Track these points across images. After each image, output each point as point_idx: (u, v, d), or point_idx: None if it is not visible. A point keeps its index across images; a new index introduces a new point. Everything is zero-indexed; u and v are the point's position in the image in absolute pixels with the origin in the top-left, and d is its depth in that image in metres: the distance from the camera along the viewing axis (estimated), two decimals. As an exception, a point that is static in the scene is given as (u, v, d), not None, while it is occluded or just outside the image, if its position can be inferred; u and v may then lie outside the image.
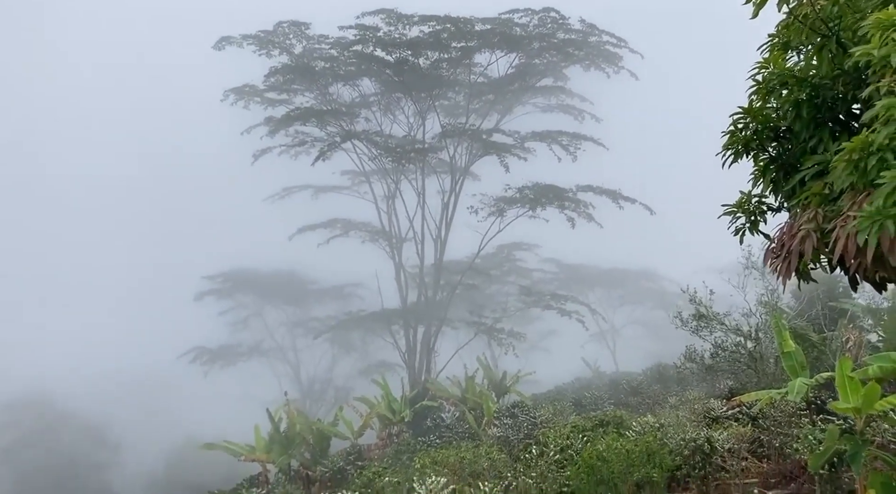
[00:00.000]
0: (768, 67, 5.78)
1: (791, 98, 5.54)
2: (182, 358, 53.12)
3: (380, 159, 38.78)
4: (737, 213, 6.10)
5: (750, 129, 5.96)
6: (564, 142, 38.31)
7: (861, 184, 4.49)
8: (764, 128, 5.87)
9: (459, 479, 12.45)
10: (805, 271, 5.35)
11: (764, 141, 5.93)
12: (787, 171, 5.86)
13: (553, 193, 36.90)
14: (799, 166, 5.66)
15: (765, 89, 5.83)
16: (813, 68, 5.53)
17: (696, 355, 21.60)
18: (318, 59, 37.62)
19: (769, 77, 5.79)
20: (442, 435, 23.48)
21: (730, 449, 12.46)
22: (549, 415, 21.35)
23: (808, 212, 5.02)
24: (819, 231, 4.88)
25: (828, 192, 5.05)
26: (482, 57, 38.38)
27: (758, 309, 20.05)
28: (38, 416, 54.77)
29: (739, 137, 5.99)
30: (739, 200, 6.13)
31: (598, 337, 57.13)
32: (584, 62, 39.65)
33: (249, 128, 39.22)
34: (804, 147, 5.60)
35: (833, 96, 5.50)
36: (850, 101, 5.41)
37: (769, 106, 5.96)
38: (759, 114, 5.90)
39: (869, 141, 4.39)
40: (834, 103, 5.53)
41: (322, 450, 23.78)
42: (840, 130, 5.45)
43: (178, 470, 45.66)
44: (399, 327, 38.52)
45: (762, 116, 5.89)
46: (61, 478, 46.54)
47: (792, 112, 5.50)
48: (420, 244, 38.86)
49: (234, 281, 56.35)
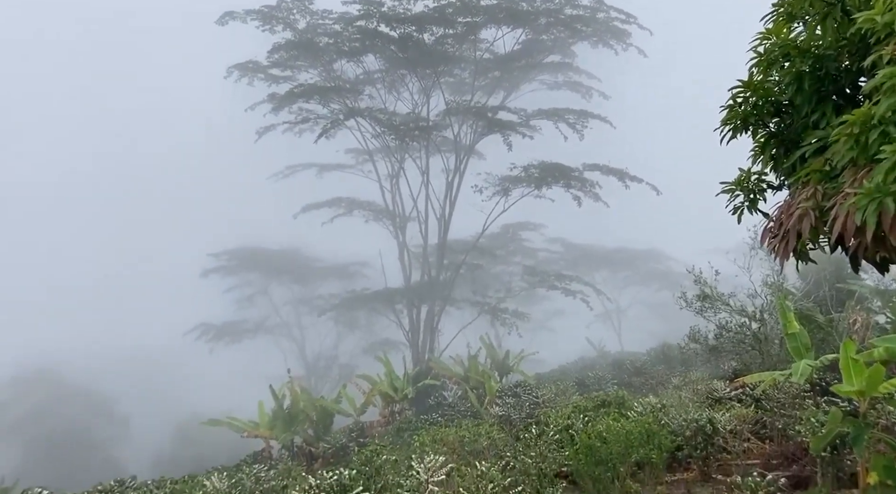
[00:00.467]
0: (770, 38, 5.50)
1: (793, 70, 5.29)
2: (188, 334, 53.42)
3: (384, 137, 38.51)
4: (735, 191, 5.87)
5: (749, 103, 5.71)
6: (571, 119, 37.81)
7: (862, 160, 4.28)
8: (764, 102, 5.62)
9: (459, 457, 12.40)
10: (803, 251, 5.13)
11: (764, 115, 5.69)
12: (788, 147, 5.62)
13: (559, 172, 36.55)
14: (800, 142, 5.42)
15: (766, 61, 5.56)
16: (816, 39, 5.27)
17: (701, 336, 21.51)
18: (322, 35, 37.25)
19: (771, 48, 5.52)
20: (444, 413, 23.53)
21: (732, 431, 12.39)
22: (551, 395, 21.36)
23: (806, 189, 4.78)
24: (818, 209, 4.66)
25: (828, 169, 4.84)
26: (488, 33, 37.97)
27: (763, 290, 19.85)
28: (46, 391, 55.42)
29: (738, 112, 5.74)
30: (738, 178, 5.90)
31: (604, 317, 57.12)
32: (592, 39, 39.10)
33: (253, 105, 38.98)
34: (805, 122, 5.36)
35: (837, 68, 5.26)
36: (854, 73, 5.15)
37: (770, 79, 5.70)
38: (759, 87, 5.64)
39: (871, 114, 4.16)
40: (838, 75, 5.29)
41: (325, 427, 23.87)
42: (844, 104, 5.19)
43: (184, 445, 46.15)
44: (403, 306, 38.52)
45: (762, 90, 5.63)
46: (69, 452, 47.11)
47: (793, 85, 5.26)
48: (424, 223, 38.73)
49: (239, 258, 56.49)
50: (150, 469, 34.44)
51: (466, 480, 9.30)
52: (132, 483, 15.71)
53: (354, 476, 9.84)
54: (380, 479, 10.41)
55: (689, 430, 12.12)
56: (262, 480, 13.53)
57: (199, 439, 39.49)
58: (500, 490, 9.15)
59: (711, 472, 12.27)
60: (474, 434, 13.26)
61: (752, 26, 5.73)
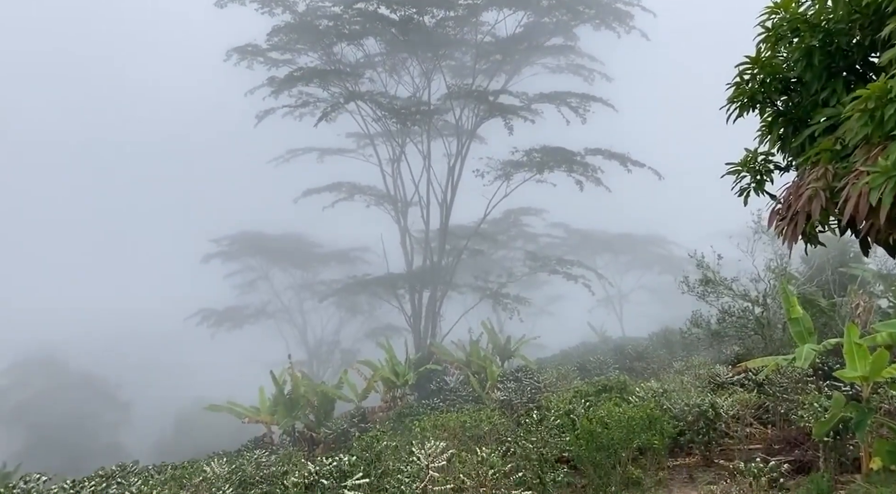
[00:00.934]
0: (779, 12, 5.29)
1: (802, 45, 5.08)
2: (189, 319, 53.47)
3: (385, 121, 38.24)
4: (741, 172, 5.67)
5: (757, 81, 5.49)
6: (573, 103, 37.52)
7: (877, 137, 4.07)
8: (772, 79, 5.40)
9: (460, 443, 12.35)
10: (812, 234, 4.95)
11: (772, 93, 5.47)
12: (797, 126, 5.42)
13: (561, 156, 36.33)
14: (809, 120, 5.23)
15: (774, 36, 5.34)
16: (827, 12, 5.03)
17: (703, 320, 21.44)
18: (322, 18, 36.84)
19: (779, 23, 5.31)
20: (446, 398, 23.51)
21: (734, 415, 12.33)
22: (552, 380, 21.34)
23: (816, 169, 4.58)
24: (828, 190, 4.47)
25: (839, 148, 4.65)
26: (489, 15, 37.58)
27: (766, 275, 19.73)
28: (48, 377, 55.62)
29: (745, 89, 5.53)
30: (744, 158, 5.69)
31: (605, 302, 57.11)
32: (595, 21, 38.69)
33: (253, 89, 38.64)
34: (815, 99, 5.16)
35: (848, 42, 5.05)
36: (867, 48, 4.94)
37: (779, 55, 5.48)
38: (767, 63, 5.42)
39: (887, 88, 3.96)
40: (849, 50, 5.08)
41: (326, 413, 23.89)
42: (855, 81, 4.99)
43: (186, 430, 46.38)
44: (405, 291, 38.44)
45: (770, 66, 5.41)
46: (72, 436, 47.37)
47: (802, 61, 5.05)
48: (425, 208, 38.57)
49: (240, 243, 56.41)
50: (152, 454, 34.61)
51: (467, 466, 9.22)
52: (133, 468, 15.70)
53: (354, 462, 9.78)
54: (380, 465, 10.35)
55: (691, 415, 12.08)
56: (263, 465, 13.52)
57: (201, 424, 39.66)
58: (501, 475, 9.08)
59: (713, 457, 12.23)
60: (475, 419, 13.20)
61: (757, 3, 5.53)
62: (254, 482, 12.56)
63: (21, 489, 9.80)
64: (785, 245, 4.83)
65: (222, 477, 11.93)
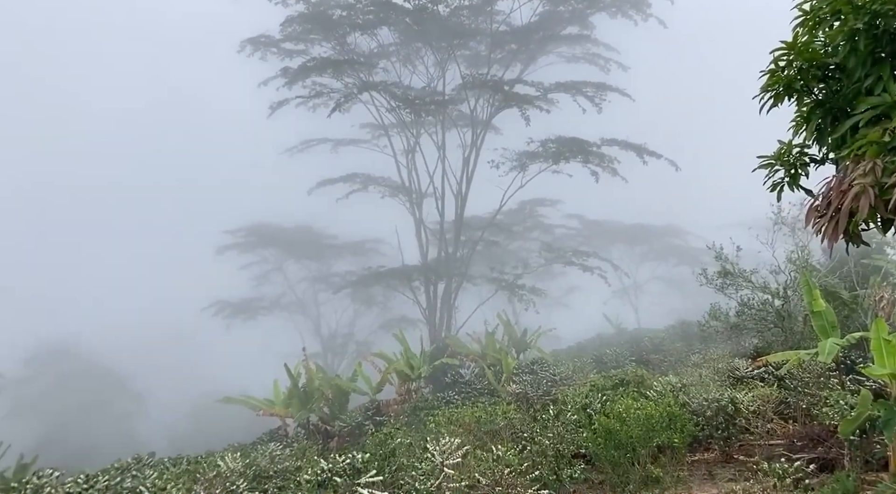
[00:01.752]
0: (818, -6, 4.96)
1: (845, 29, 4.74)
2: (204, 311, 53.67)
3: (399, 111, 38.01)
4: (775, 166, 5.36)
5: (793, 68, 5.17)
6: (589, 92, 37.03)
7: (931, 129, 3.81)
8: (810, 65, 5.08)
9: (475, 439, 12.19)
10: (855, 233, 4.65)
11: (809, 81, 5.15)
12: (836, 117, 5.10)
13: (577, 147, 35.96)
14: (850, 110, 4.90)
15: (812, 20, 5.02)
16: (873, -9, 4.69)
17: (721, 313, 21.13)
18: (336, 7, 36.61)
19: (818, 5, 4.98)
20: (461, 391, 23.34)
21: (755, 411, 12.07)
22: (568, 372, 21.14)
23: (863, 164, 4.27)
24: (877, 186, 4.16)
25: (888, 140, 4.30)
26: (504, 4, 37.23)
27: (787, 266, 19.37)
28: (64, 368, 56.11)
29: (781, 77, 5.20)
30: (778, 151, 5.36)
31: (621, 293, 56.82)
32: (611, 9, 38.23)
33: (266, 80, 38.51)
34: (858, 87, 4.82)
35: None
36: (919, 30, 4.56)
37: (817, 40, 5.16)
38: (804, 49, 5.11)
39: (943, 75, 3.67)
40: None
41: (341, 406, 23.80)
42: (904, 67, 4.66)
43: (202, 421, 46.60)
44: (419, 283, 38.29)
45: (808, 52, 5.10)
46: (89, 427, 47.79)
47: (845, 46, 4.73)
48: (440, 199, 38.38)
49: (255, 235, 56.48)
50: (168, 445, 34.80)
51: (482, 465, 9.06)
52: (149, 461, 15.65)
53: (368, 459, 9.65)
54: (394, 462, 10.21)
55: (710, 410, 11.85)
56: (277, 459, 13.42)
57: (217, 415, 39.75)
58: (517, 474, 8.91)
59: (733, 453, 12.00)
60: (490, 414, 13.03)
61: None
62: (268, 476, 12.47)
63: (34, 484, 9.74)
64: (824, 243, 4.54)
65: (236, 472, 11.83)
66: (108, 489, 10.21)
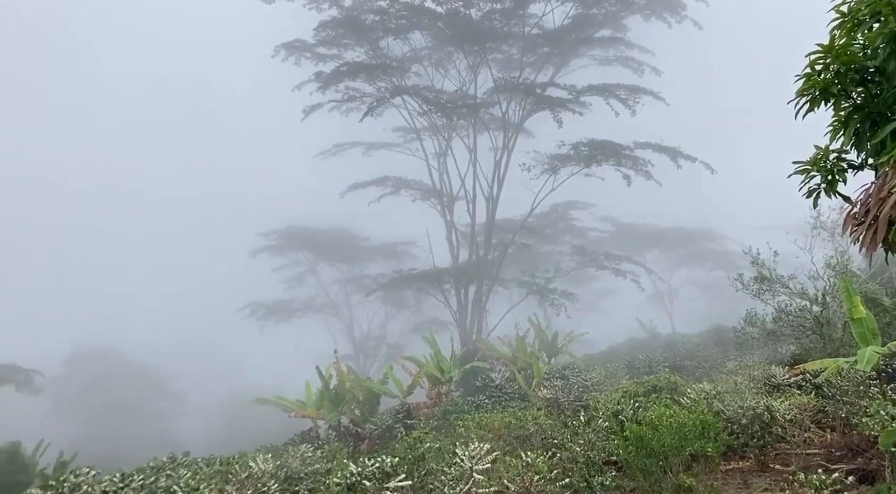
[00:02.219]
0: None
1: (885, 31, 4.59)
2: (238, 313, 54.38)
3: (430, 115, 38.08)
4: (811, 172, 5.22)
5: (830, 71, 5.02)
6: (623, 95, 36.59)
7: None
8: (848, 69, 4.93)
9: (505, 444, 12.14)
10: (895, 241, 4.49)
11: (847, 85, 5.00)
12: (875, 121, 4.93)
13: (609, 150, 35.61)
14: (890, 114, 4.77)
15: (851, 22, 4.87)
16: (915, -6, 4.53)
17: (757, 319, 20.75)
18: (369, 12, 36.84)
19: (856, 7, 4.83)
20: (491, 395, 23.25)
21: (791, 419, 11.80)
22: (600, 378, 20.92)
23: None
24: (920, 194, 4.02)
25: None
26: (537, 7, 37.03)
27: (825, 272, 18.93)
28: (104, 367, 57.30)
29: (817, 81, 5.06)
30: (815, 156, 5.21)
31: (655, 297, 56.17)
32: (645, 11, 37.84)
33: (300, 85, 38.89)
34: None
35: (940, 28, 4.48)
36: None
37: (856, 42, 5.01)
38: (842, 52, 4.95)
39: None
40: (940, 37, 4.51)
41: (371, 408, 23.87)
42: (947, 71, 4.49)
43: (236, 421, 47.22)
44: (450, 286, 38.27)
45: (846, 55, 4.95)
46: (127, 424, 48.78)
47: (885, 48, 4.55)
48: (471, 202, 38.33)
49: (288, 237, 57.02)
50: (203, 443, 35.34)
51: (512, 471, 9.00)
52: (184, 460, 15.86)
53: (397, 463, 9.65)
54: (423, 466, 10.20)
55: (746, 418, 11.62)
56: (308, 461, 13.50)
57: (250, 414, 40.22)
58: (547, 481, 8.83)
59: (769, 462, 11.75)
60: (520, 419, 12.96)
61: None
62: (299, 478, 12.56)
63: (71, 482, 9.95)
64: (862, 252, 4.41)
65: (268, 473, 11.94)
66: (142, 487, 10.37)
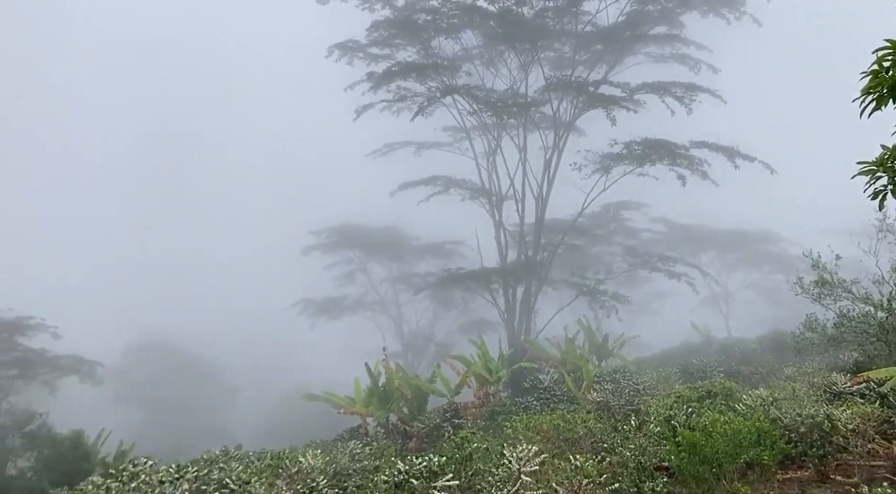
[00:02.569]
0: (929, -12, 4.59)
1: None
2: (289, 309, 55.40)
3: (480, 114, 38.00)
4: (877, 173, 5.01)
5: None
6: (678, 93, 35.67)
7: None
8: None
9: (554, 446, 12.03)
10: None
11: None
12: None
13: (664, 149, 34.85)
14: (964, 113, 4.54)
15: None
16: None
17: (818, 324, 20.05)
18: (421, 12, 36.97)
19: None
20: (539, 397, 23.11)
21: (854, 429, 11.38)
22: (652, 382, 20.58)
23: None
24: None
25: None
26: (591, 4, 36.44)
27: (891, 277, 18.18)
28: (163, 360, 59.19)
29: (885, 78, 4.81)
30: (881, 157, 5.00)
31: (710, 300, 54.94)
32: (703, 8, 36.95)
33: (352, 85, 39.30)
34: (973, 89, 4.45)
35: None
36: None
37: (927, 38, 4.76)
38: None
39: None
40: None
41: (419, 406, 23.99)
42: None
43: (288, 415, 48.11)
44: (498, 286, 38.14)
45: None
46: (183, 417, 50.26)
47: None
48: (521, 202, 38.08)
49: (339, 236, 57.80)
50: (255, 437, 36.13)
51: (560, 474, 8.91)
52: (236, 454, 16.22)
53: (444, 462, 9.67)
54: (470, 466, 10.18)
55: (804, 426, 11.26)
56: (357, 458, 13.65)
57: (301, 411, 40.91)
58: (596, 485, 8.72)
59: (829, 472, 11.37)
60: (569, 421, 12.83)
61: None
62: (347, 474, 12.70)
63: (130, 471, 10.28)
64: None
65: (318, 469, 12.10)
66: (196, 479, 10.65)
